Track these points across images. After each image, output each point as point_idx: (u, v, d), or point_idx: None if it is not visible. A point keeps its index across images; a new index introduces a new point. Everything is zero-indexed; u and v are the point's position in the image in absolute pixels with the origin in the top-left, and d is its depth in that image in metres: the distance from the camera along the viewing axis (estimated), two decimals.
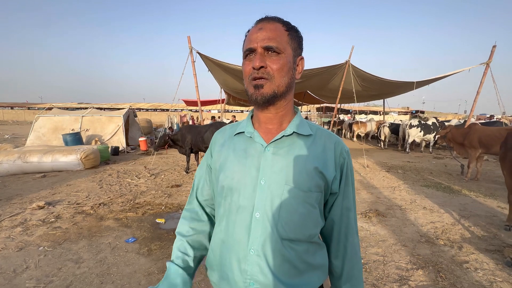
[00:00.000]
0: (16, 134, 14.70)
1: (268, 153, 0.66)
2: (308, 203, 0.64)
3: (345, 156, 0.70)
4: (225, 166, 0.69)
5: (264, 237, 0.63)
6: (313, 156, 0.66)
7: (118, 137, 9.01)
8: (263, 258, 0.62)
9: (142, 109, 36.98)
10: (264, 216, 0.63)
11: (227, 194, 0.67)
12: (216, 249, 0.69)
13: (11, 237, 2.77)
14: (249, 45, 0.63)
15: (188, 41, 5.89)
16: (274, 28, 0.63)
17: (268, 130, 0.69)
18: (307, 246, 0.66)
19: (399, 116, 29.68)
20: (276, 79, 0.63)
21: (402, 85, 8.70)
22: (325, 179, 0.66)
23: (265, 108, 0.67)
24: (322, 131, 0.72)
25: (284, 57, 0.63)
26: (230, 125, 0.78)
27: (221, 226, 0.69)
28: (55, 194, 4.24)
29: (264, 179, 0.64)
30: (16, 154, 5.67)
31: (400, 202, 3.99)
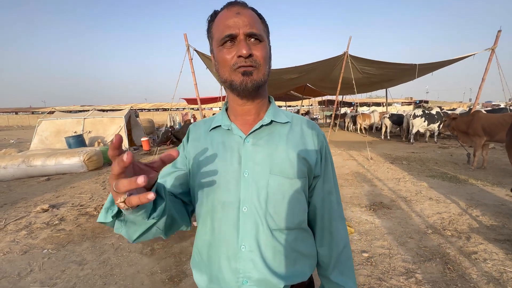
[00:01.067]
0: (21, 138, 14.87)
1: (248, 144, 0.64)
2: (295, 190, 0.63)
3: (323, 139, 0.70)
4: (203, 162, 0.65)
5: (255, 231, 0.60)
6: (293, 142, 0.65)
7: None
8: (256, 252, 0.60)
9: (144, 109, 37.08)
10: (253, 209, 0.61)
11: (209, 192, 0.63)
12: (203, 251, 0.66)
13: (15, 241, 2.78)
14: (227, 30, 0.58)
15: (185, 38, 5.83)
16: (251, 15, 0.60)
17: (245, 121, 0.67)
18: (296, 234, 0.65)
19: (402, 106, 29.30)
20: (262, 67, 0.60)
21: (403, 69, 8.54)
22: (308, 164, 0.65)
23: (249, 98, 0.64)
24: (297, 117, 0.71)
25: (264, 45, 0.61)
26: (204, 120, 0.75)
27: (206, 226, 0.65)
28: (59, 197, 4.26)
29: (247, 171, 0.62)
30: (20, 159, 5.72)
31: (405, 194, 3.93)
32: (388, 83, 11.18)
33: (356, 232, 2.79)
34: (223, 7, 0.62)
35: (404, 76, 9.50)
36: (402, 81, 10.59)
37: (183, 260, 2.37)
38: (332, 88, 11.01)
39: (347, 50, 6.99)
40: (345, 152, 7.68)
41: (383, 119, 10.79)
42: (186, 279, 2.10)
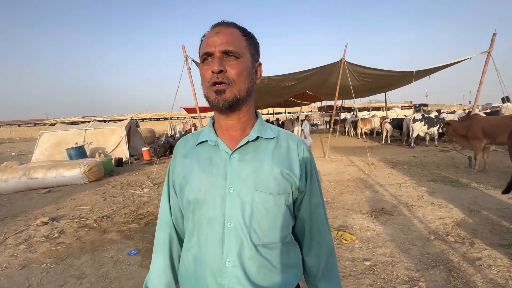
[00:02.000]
0: (22, 151, 14.95)
1: (234, 160, 0.65)
2: (279, 206, 0.64)
3: (308, 155, 0.71)
4: (190, 178, 0.67)
5: (239, 247, 0.61)
6: (278, 158, 0.66)
7: (122, 148, 9.07)
8: (239, 268, 0.61)
9: (145, 119, 37.35)
10: (237, 225, 0.62)
11: (195, 207, 0.65)
12: (189, 266, 0.66)
13: (14, 255, 2.76)
14: (206, 49, 0.62)
15: (183, 49, 5.93)
16: (232, 33, 0.63)
17: (231, 136, 0.68)
18: (281, 248, 0.66)
19: (402, 110, 29.35)
20: (237, 83, 0.61)
21: (401, 76, 8.61)
22: (292, 180, 0.66)
23: (227, 115, 0.66)
24: (283, 132, 0.72)
25: (243, 62, 0.62)
26: (191, 134, 0.76)
27: (192, 241, 0.66)
28: (59, 209, 4.25)
29: (233, 187, 0.63)
30: (21, 171, 5.74)
31: (407, 199, 3.90)
32: (387, 88, 11.26)
33: (357, 240, 2.75)
34: (210, 28, 0.65)
35: (401, 81, 9.57)
36: (400, 85, 10.66)
37: None
38: (331, 94, 11.08)
39: (344, 57, 7.07)
40: (346, 158, 7.66)
41: (384, 124, 10.80)
42: None
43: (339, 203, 3.90)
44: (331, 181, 5.13)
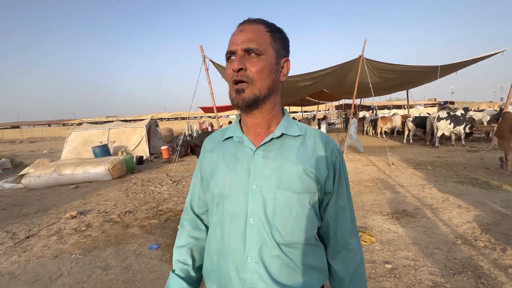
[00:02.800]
0: (53, 149, 15.97)
1: (258, 156, 0.65)
2: (303, 205, 0.63)
3: (337, 155, 0.68)
4: (216, 172, 0.68)
5: (261, 244, 0.61)
6: (303, 156, 0.64)
7: (142, 147, 9.43)
8: (261, 265, 0.61)
9: (163, 119, 38.49)
10: (259, 222, 0.61)
11: (219, 202, 0.66)
12: (213, 258, 0.68)
13: (47, 246, 2.97)
14: (229, 47, 0.62)
15: (201, 50, 6.03)
16: (255, 30, 0.62)
17: (256, 133, 0.68)
18: (304, 248, 0.64)
19: (425, 108, 27.96)
20: (257, 82, 0.61)
21: (424, 72, 8.18)
22: (318, 180, 0.64)
23: (250, 113, 0.66)
24: (311, 130, 0.70)
25: (264, 59, 0.61)
26: (220, 130, 0.77)
27: (216, 235, 0.67)
28: (86, 204, 4.50)
29: (256, 183, 0.63)
30: (52, 168, 6.14)
31: (431, 201, 3.72)
32: (409, 85, 10.76)
33: (377, 242, 2.67)
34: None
35: (425, 77, 9.10)
36: (424, 82, 10.15)
37: None
38: (349, 93, 10.78)
39: (363, 54, 6.85)
40: (365, 158, 7.44)
41: (406, 122, 10.35)
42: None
43: (358, 203, 3.80)
44: (349, 181, 5.01)
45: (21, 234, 3.33)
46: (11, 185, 6.04)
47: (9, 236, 3.28)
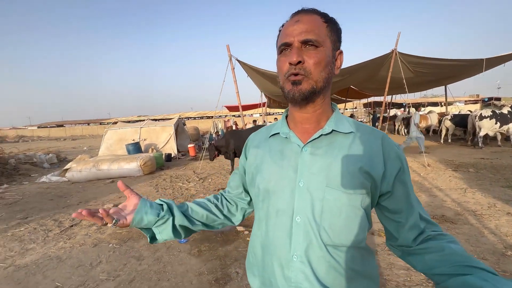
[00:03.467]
0: (91, 146, 17.36)
1: (306, 153, 0.62)
2: (353, 206, 0.59)
3: (397, 151, 0.62)
4: (261, 168, 0.67)
5: (307, 243, 0.59)
6: (355, 154, 0.60)
7: (170, 145, 9.86)
8: (307, 265, 0.59)
9: (190, 118, 39.85)
10: (305, 220, 0.60)
11: (265, 197, 0.66)
12: (257, 252, 0.68)
13: (88, 234, 3.23)
14: (284, 39, 0.59)
15: (227, 49, 6.13)
16: (312, 20, 0.59)
17: (304, 129, 0.66)
18: (353, 252, 0.60)
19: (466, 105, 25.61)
20: (314, 74, 0.58)
21: (466, 65, 7.45)
22: (371, 179, 0.60)
23: (302, 107, 0.63)
24: (364, 127, 0.66)
25: (323, 51, 0.59)
26: (266, 126, 0.76)
27: (261, 229, 0.67)
28: (120, 198, 4.81)
29: (303, 181, 0.61)
30: (91, 163, 6.66)
31: (474, 207, 3.39)
32: (447, 80, 9.90)
33: None
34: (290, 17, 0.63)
35: (467, 71, 8.31)
36: (465, 76, 9.27)
37: (228, 263, 2.44)
38: (379, 89, 10.24)
39: (396, 48, 6.44)
40: None
41: (444, 121, 9.58)
42: (231, 283, 2.15)
43: None
44: None
45: (66, 223, 3.66)
46: (57, 178, 6.67)
47: (56, 224, 3.62)
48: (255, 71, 7.51)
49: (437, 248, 0.59)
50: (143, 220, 0.65)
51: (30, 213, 4.14)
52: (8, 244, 3.05)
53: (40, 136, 35.66)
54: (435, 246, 0.59)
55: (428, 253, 0.60)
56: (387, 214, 0.65)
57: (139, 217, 0.64)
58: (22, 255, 2.79)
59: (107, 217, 0.59)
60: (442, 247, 0.58)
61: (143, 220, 0.65)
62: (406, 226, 0.62)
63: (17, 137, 31.86)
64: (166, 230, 0.69)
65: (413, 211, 0.62)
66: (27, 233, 3.34)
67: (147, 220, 0.65)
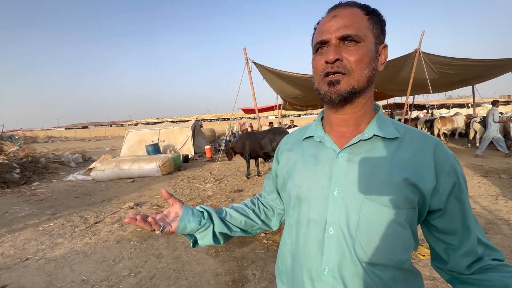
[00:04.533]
0: (113, 146, 18.15)
1: (342, 159, 0.57)
2: (395, 222, 0.52)
3: (453, 162, 0.54)
4: (293, 173, 0.64)
5: (340, 257, 0.54)
6: (400, 163, 0.54)
7: (188, 146, 10.08)
8: (339, 281, 0.54)
9: (206, 120, 40.61)
10: (339, 233, 0.55)
11: (295, 204, 0.62)
12: (287, 260, 0.65)
13: (111, 231, 3.37)
14: (320, 37, 0.55)
15: (244, 52, 6.19)
16: (351, 14, 0.54)
17: (341, 133, 0.61)
18: (394, 273, 0.54)
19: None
20: (355, 72, 0.53)
21: (498, 65, 6.99)
22: (419, 193, 0.53)
23: (340, 108, 0.58)
24: (413, 132, 0.58)
25: (364, 46, 0.54)
26: (299, 129, 0.73)
27: (291, 236, 0.64)
28: (141, 197, 4.99)
29: (338, 189, 0.56)
30: (114, 163, 6.96)
31: (507, 215, 3.16)
32: (474, 80, 9.35)
33: None
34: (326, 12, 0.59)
35: (496, 70, 7.80)
36: (494, 76, 8.71)
37: (245, 265, 2.44)
38: (401, 90, 9.86)
39: (419, 47, 6.19)
40: None
41: (472, 123, 9.04)
42: (248, 284, 2.14)
43: None
44: None
45: (91, 219, 3.84)
46: (83, 177, 7.03)
47: (82, 220, 3.82)
48: (271, 72, 7.52)
49: (499, 283, 0.51)
50: (187, 227, 0.67)
51: (58, 209, 4.39)
52: (39, 238, 3.25)
53: (67, 137, 37.87)
54: (497, 280, 0.52)
55: (486, 286, 0.53)
56: (436, 234, 0.58)
57: (183, 225, 0.66)
58: (52, 248, 2.96)
59: (155, 225, 0.62)
60: (506, 283, 0.50)
61: (187, 228, 0.67)
62: (459, 251, 0.55)
63: (47, 137, 34.03)
64: (207, 237, 0.71)
65: (469, 235, 0.55)
66: (55, 228, 3.54)
67: (190, 228, 0.67)
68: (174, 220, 0.66)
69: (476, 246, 0.54)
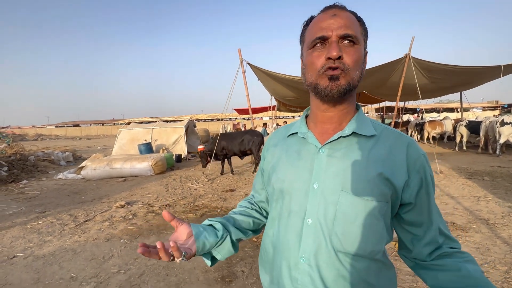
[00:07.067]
0: (105, 145, 17.90)
1: (323, 155, 0.60)
2: (370, 214, 0.56)
3: (422, 160, 0.59)
4: (277, 167, 0.67)
5: (316, 247, 0.57)
6: (376, 159, 0.57)
7: (181, 146, 10.05)
8: (314, 269, 0.57)
9: (200, 120, 40.44)
10: (317, 223, 0.58)
11: (278, 197, 0.65)
12: (269, 251, 0.68)
13: (101, 229, 3.36)
14: (321, 32, 0.56)
15: (239, 53, 6.24)
16: (348, 16, 0.57)
17: (324, 130, 0.64)
18: (368, 264, 0.57)
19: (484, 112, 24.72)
20: (351, 71, 0.56)
21: (484, 72, 7.26)
22: (392, 187, 0.57)
23: (330, 106, 0.61)
24: (389, 131, 0.62)
25: (359, 49, 0.57)
26: (285, 126, 0.75)
27: (273, 228, 0.67)
28: (132, 196, 4.97)
29: (317, 183, 0.59)
30: (105, 162, 6.89)
31: (487, 215, 3.30)
32: (463, 86, 9.64)
33: None
34: (320, 11, 0.60)
35: (484, 77, 8.09)
36: (481, 82, 9.01)
37: (234, 262, 2.49)
38: (391, 95, 10.07)
39: (409, 52, 6.36)
40: None
41: (458, 127, 9.32)
42: (237, 280, 2.19)
43: None
44: None
45: (81, 218, 3.82)
46: (73, 176, 6.95)
47: (71, 219, 3.79)
48: (266, 74, 7.59)
49: (453, 267, 0.56)
50: (206, 245, 0.64)
51: (47, 208, 4.35)
52: (27, 236, 3.23)
53: (57, 135, 37.10)
54: (450, 264, 0.57)
55: (442, 270, 0.57)
56: (404, 225, 0.63)
57: (201, 244, 0.63)
58: (40, 246, 2.94)
59: (176, 251, 0.57)
60: (458, 267, 0.56)
61: (206, 245, 0.64)
62: (423, 241, 0.60)
63: (36, 135, 33.28)
64: (226, 248, 0.69)
65: (432, 226, 0.60)
66: (44, 226, 3.51)
67: (209, 244, 0.64)
68: (187, 243, 0.62)
69: (437, 236, 0.60)
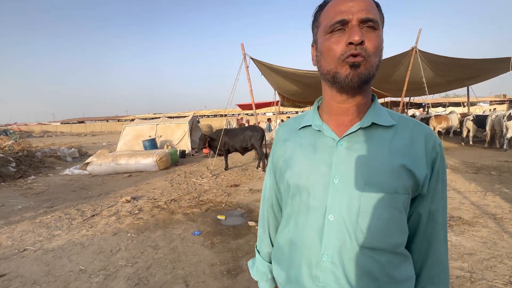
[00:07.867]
0: (110, 141, 18.07)
1: (342, 148, 0.57)
2: (394, 207, 0.54)
3: (438, 150, 0.57)
4: (291, 162, 0.63)
5: (340, 243, 0.55)
6: (398, 150, 0.55)
7: (185, 142, 10.10)
8: (339, 266, 0.55)
9: (204, 116, 40.44)
10: (340, 220, 0.56)
11: (295, 193, 0.62)
12: (284, 248, 0.65)
13: (108, 224, 3.42)
14: (340, 16, 0.51)
15: (242, 48, 6.19)
16: (367, 0, 0.52)
17: (340, 122, 0.60)
18: (390, 257, 0.56)
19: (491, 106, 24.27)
20: (371, 58, 0.52)
21: (492, 64, 7.09)
22: (414, 179, 0.55)
23: (349, 96, 0.57)
24: (406, 120, 0.60)
25: (379, 35, 0.53)
26: (294, 118, 0.71)
27: (289, 226, 0.64)
28: (138, 191, 5.03)
29: (338, 177, 0.56)
30: (111, 158, 6.96)
31: (494, 210, 3.27)
32: (471, 80, 9.46)
33: None
34: None
35: (492, 71, 7.91)
36: (489, 76, 8.83)
37: (239, 256, 2.51)
38: (397, 90, 9.93)
39: (416, 45, 6.24)
40: None
41: (465, 122, 9.18)
42: (242, 274, 2.22)
43: None
44: None
45: (88, 212, 3.88)
46: (79, 171, 7.04)
47: (79, 213, 3.85)
48: (269, 68, 7.53)
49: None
50: None
51: (55, 203, 4.42)
52: (37, 230, 3.29)
53: (63, 132, 37.54)
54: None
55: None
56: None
57: None
58: (49, 240, 3.01)
59: None
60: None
61: None
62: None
63: (42, 132, 33.71)
64: None
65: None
66: (53, 221, 3.58)
67: None
68: None
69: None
